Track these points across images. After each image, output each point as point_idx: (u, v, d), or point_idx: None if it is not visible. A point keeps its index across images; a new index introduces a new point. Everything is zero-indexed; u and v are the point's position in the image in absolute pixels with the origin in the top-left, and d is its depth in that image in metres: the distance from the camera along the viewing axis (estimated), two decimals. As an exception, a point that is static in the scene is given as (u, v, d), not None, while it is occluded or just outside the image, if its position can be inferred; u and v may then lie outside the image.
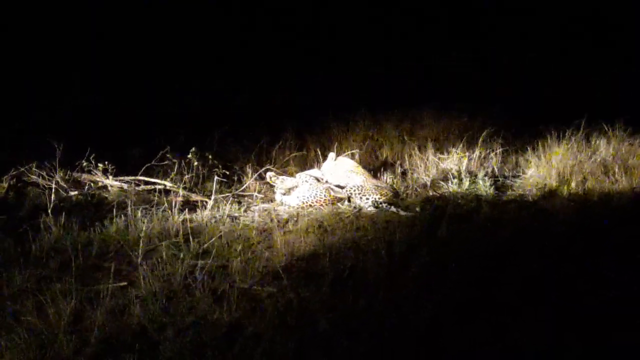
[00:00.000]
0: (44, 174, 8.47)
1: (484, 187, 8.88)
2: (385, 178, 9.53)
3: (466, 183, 8.98)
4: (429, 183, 9.33)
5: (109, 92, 12.36)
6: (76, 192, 8.34)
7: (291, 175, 9.55)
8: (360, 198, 8.42)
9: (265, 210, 8.33)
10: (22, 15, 12.55)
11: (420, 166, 10.02)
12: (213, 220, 7.57)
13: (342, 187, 8.79)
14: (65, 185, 8.37)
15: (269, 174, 9.22)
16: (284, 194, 8.75)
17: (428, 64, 15.40)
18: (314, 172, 9.31)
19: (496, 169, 10.01)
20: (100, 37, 13.17)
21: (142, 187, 8.76)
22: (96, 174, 8.69)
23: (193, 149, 8.80)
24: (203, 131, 10.75)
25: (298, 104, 13.00)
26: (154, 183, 8.82)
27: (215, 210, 8.03)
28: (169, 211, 7.58)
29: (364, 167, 9.37)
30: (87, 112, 11.44)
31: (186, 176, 8.88)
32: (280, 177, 9.19)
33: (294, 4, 15.19)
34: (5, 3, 12.29)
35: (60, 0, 12.75)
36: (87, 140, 8.94)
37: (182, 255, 6.12)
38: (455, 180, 9.07)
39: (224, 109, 12.61)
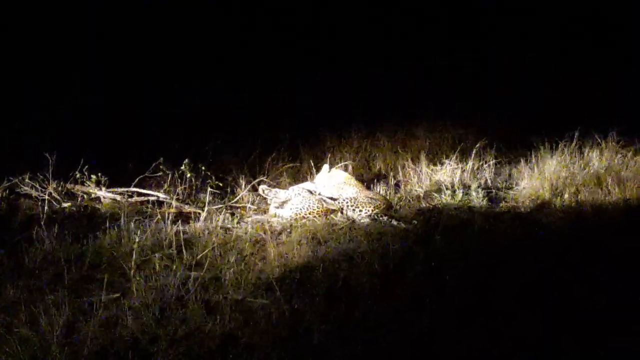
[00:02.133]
0: (37, 185, 8.44)
1: (477, 198, 8.90)
2: (378, 189, 9.53)
3: (459, 194, 9.00)
4: (422, 194, 9.35)
5: (101, 98, 12.29)
6: (69, 204, 8.32)
7: (284, 187, 9.55)
8: (353, 210, 8.41)
9: (259, 221, 8.31)
10: (22, 16, 12.52)
11: (414, 178, 10.05)
12: (206, 232, 7.55)
13: (334, 199, 8.79)
14: (58, 197, 8.35)
15: (261, 186, 9.23)
16: (278, 207, 8.75)
17: (425, 66, 15.42)
18: (307, 185, 9.31)
19: (489, 181, 10.03)
20: (97, 37, 13.12)
21: (135, 198, 8.75)
22: (89, 185, 8.67)
23: (186, 160, 8.79)
24: (196, 142, 10.74)
25: (292, 115, 12.96)
26: (147, 194, 8.81)
27: (208, 222, 8.03)
28: (162, 222, 7.57)
29: (358, 179, 9.37)
30: (79, 123, 11.38)
31: (179, 187, 8.87)
32: (273, 189, 9.19)
33: (289, 5, 15.18)
34: (5, 3, 12.27)
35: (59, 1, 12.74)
36: (80, 151, 8.93)
37: (175, 267, 6.11)
38: (449, 192, 9.08)
39: (216, 120, 12.58)
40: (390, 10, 15.88)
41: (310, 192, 8.98)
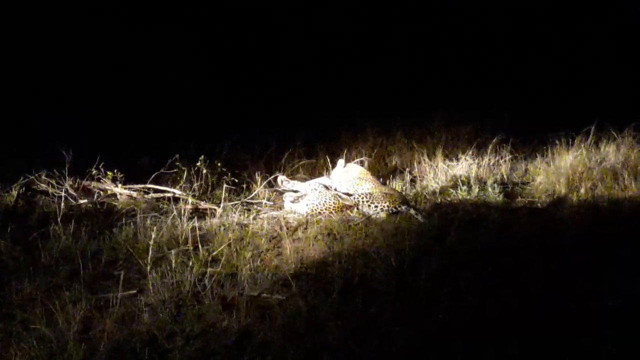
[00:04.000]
0: (54, 182, 8.46)
1: (493, 194, 8.87)
2: (394, 185, 9.51)
3: (475, 190, 8.96)
4: (438, 190, 9.31)
5: (118, 95, 12.36)
6: (85, 201, 8.34)
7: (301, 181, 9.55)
8: (369, 205, 8.39)
9: (274, 217, 8.31)
10: (33, 21, 12.57)
11: (430, 173, 10.02)
12: (222, 228, 7.54)
13: (350, 195, 8.77)
14: (74, 194, 8.38)
15: (280, 177, 9.24)
16: (293, 202, 8.75)
17: (441, 61, 15.40)
18: (323, 180, 9.29)
19: (505, 176, 9.99)
20: (111, 34, 13.16)
21: (151, 195, 8.76)
22: (105, 182, 8.70)
23: (202, 156, 8.79)
24: (212, 138, 10.74)
25: (307, 112, 12.97)
26: (163, 191, 8.82)
27: (224, 218, 8.03)
28: (178, 219, 7.56)
29: (373, 175, 9.33)
30: (95, 120, 11.43)
31: (195, 184, 8.89)
32: (292, 181, 9.20)
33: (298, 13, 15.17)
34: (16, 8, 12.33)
35: (74, 8, 12.78)
36: (96, 148, 8.96)
37: (191, 263, 6.11)
38: (465, 187, 9.05)
39: (232, 116, 12.63)
40: (406, 8, 15.85)
41: (326, 188, 8.96)
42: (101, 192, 8.70)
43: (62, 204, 7.79)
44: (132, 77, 12.80)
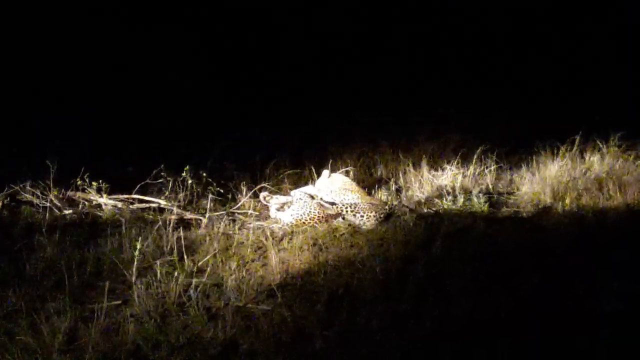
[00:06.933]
0: (38, 192, 8.44)
1: (479, 203, 8.88)
2: (379, 195, 9.51)
3: (460, 200, 8.97)
4: (423, 200, 9.33)
5: (102, 104, 12.33)
6: (70, 211, 8.31)
7: (286, 193, 9.53)
8: (354, 215, 8.38)
9: (260, 228, 8.29)
10: (33, 21, 12.57)
11: (415, 183, 10.03)
12: (207, 238, 7.52)
13: (332, 204, 8.76)
14: (59, 204, 8.35)
15: (262, 193, 9.20)
16: (279, 209, 8.73)
17: (427, 71, 15.44)
18: (309, 189, 9.27)
19: (490, 186, 10.02)
20: (98, 43, 13.13)
21: (137, 205, 8.74)
22: (90, 192, 8.66)
23: (187, 167, 8.77)
24: (198, 148, 10.73)
25: (293, 121, 12.98)
26: (149, 201, 8.80)
27: (209, 228, 8.00)
28: (164, 229, 7.54)
29: (358, 184, 9.33)
30: (80, 129, 11.39)
31: (181, 194, 8.86)
32: (275, 196, 9.17)
33: (286, 20, 15.20)
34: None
35: (59, 18, 12.76)
36: (81, 158, 8.93)
37: (176, 274, 6.09)
38: (450, 197, 9.06)
39: (217, 126, 12.60)
40: (393, 16, 15.90)
41: (312, 197, 8.94)
42: (86, 203, 8.67)
43: (47, 215, 7.79)
44: (132, 77, 12.79)
